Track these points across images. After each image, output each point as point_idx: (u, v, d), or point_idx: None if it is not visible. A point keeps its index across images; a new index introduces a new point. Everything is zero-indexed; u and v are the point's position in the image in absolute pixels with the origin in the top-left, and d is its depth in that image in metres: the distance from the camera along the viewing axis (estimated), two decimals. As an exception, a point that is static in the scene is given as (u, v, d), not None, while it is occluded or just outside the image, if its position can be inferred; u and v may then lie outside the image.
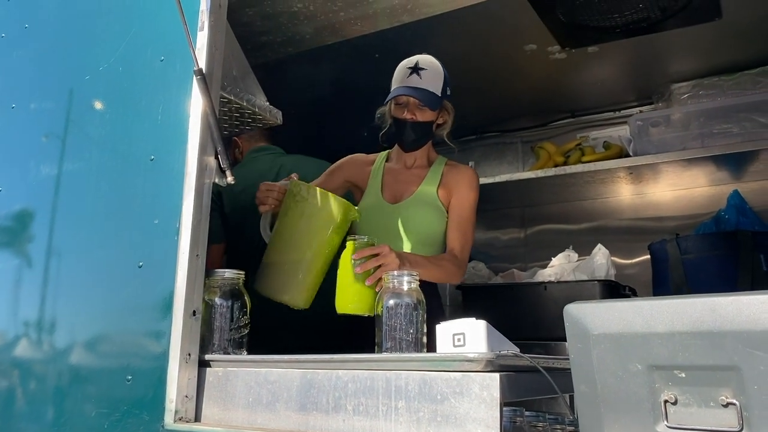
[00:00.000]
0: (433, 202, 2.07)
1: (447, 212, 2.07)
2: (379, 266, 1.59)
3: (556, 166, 2.99)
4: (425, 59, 2.04)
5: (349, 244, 1.62)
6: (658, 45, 2.60)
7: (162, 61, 1.61)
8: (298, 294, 1.71)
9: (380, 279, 1.54)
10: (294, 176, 1.79)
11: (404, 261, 1.67)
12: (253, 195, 2.54)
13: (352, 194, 2.22)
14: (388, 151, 2.24)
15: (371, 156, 2.25)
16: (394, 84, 2.06)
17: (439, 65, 2.05)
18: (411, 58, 2.06)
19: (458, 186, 2.09)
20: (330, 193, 1.72)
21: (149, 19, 1.69)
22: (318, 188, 1.74)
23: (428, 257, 1.91)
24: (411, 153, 2.13)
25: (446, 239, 2.05)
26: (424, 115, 2.02)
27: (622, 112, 3.19)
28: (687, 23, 2.40)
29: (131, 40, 1.70)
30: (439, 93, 2.01)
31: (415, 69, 2.00)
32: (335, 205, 1.70)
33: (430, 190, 2.09)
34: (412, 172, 2.15)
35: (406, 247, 2.01)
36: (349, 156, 2.26)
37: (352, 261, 1.59)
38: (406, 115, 2.02)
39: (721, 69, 2.76)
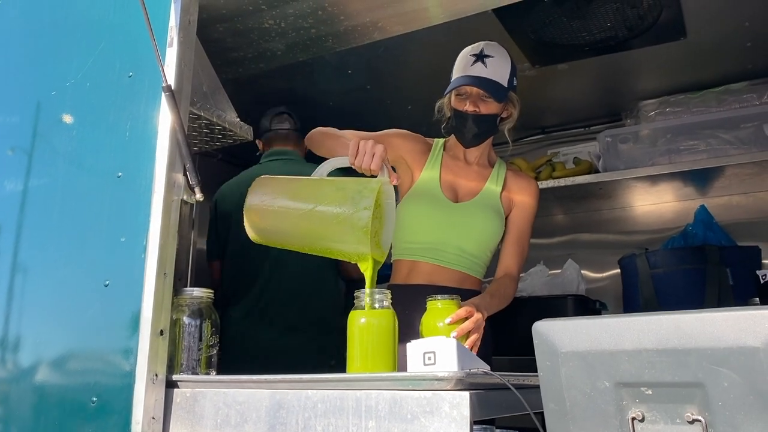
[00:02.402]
0: (496, 206, 1.95)
1: (505, 219, 1.96)
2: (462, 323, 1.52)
3: (527, 181, 3.02)
4: (492, 45, 1.90)
5: (432, 306, 1.54)
6: (626, 63, 2.65)
7: (130, 77, 1.60)
8: (262, 238, 1.48)
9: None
10: (394, 179, 1.47)
11: (483, 313, 1.60)
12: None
13: (396, 168, 2.01)
14: (444, 139, 2.06)
15: (428, 140, 2.06)
16: (456, 73, 1.90)
17: (507, 53, 1.91)
18: (476, 44, 1.91)
19: (522, 197, 1.98)
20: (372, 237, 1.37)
21: (118, 34, 1.67)
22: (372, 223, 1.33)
23: (495, 294, 1.78)
24: (472, 149, 1.98)
25: (502, 254, 1.94)
26: (488, 108, 1.87)
27: (591, 128, 3.24)
28: (653, 42, 2.45)
29: (99, 56, 1.68)
30: (505, 83, 1.86)
31: (480, 56, 1.85)
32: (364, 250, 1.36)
33: (494, 192, 1.97)
34: (473, 169, 2.00)
35: (464, 247, 1.90)
36: (408, 132, 2.03)
37: (442, 323, 1.50)
38: (468, 108, 1.86)
39: (686, 87, 2.82)
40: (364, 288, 1.41)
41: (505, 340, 2.08)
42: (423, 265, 1.92)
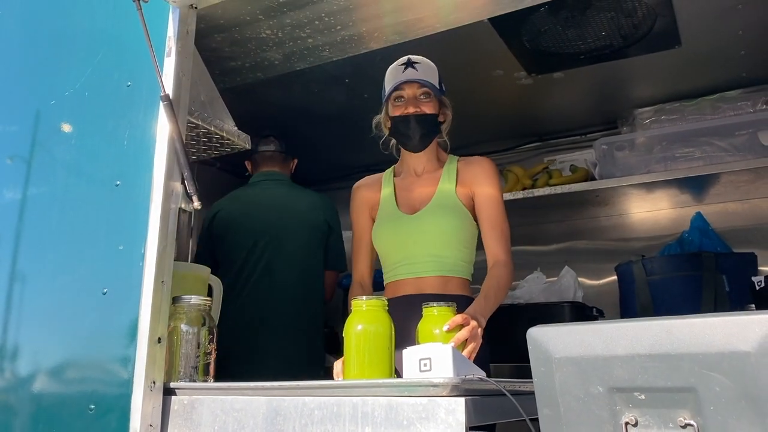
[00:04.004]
0: (453, 205, 1.94)
1: (470, 211, 1.95)
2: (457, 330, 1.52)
3: (524, 189, 3.03)
4: (416, 56, 1.96)
5: (428, 312, 1.54)
6: (621, 71, 2.66)
7: (129, 86, 1.61)
8: None
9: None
10: None
11: (481, 321, 1.61)
12: (245, 219, 2.63)
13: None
14: (393, 166, 2.12)
15: (376, 177, 2.12)
16: (389, 83, 1.94)
17: (431, 62, 1.96)
18: (400, 59, 1.96)
19: (477, 181, 1.96)
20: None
21: (116, 44, 1.69)
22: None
23: (489, 294, 1.77)
24: (419, 156, 2.00)
25: (485, 244, 1.93)
26: (429, 107, 1.92)
27: (587, 136, 3.25)
28: (648, 51, 2.47)
29: (98, 66, 1.69)
30: (437, 85, 1.92)
31: (409, 63, 1.91)
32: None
33: (448, 190, 1.97)
34: (424, 177, 2.03)
35: (434, 252, 1.91)
36: (355, 190, 2.12)
37: (439, 330, 1.50)
38: (410, 110, 1.91)
39: (681, 95, 2.83)
40: (360, 296, 1.43)
41: (504, 347, 2.08)
42: (405, 282, 1.94)
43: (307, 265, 2.60)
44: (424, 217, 1.94)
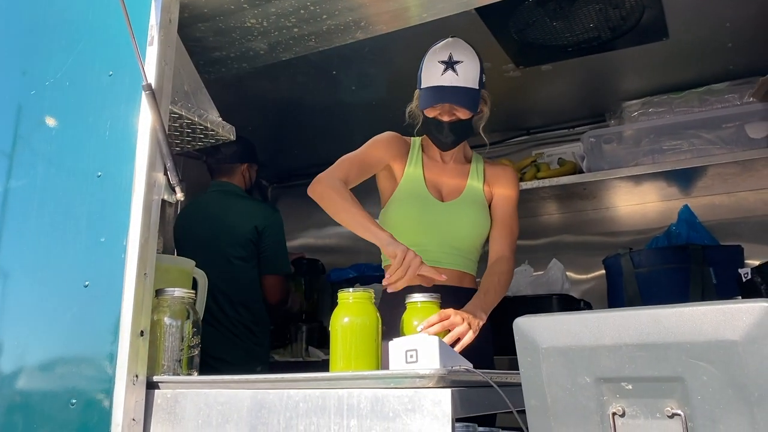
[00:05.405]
0: (481, 201, 1.98)
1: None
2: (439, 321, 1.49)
3: (512, 182, 3.02)
4: (459, 48, 1.84)
5: (411, 306, 1.51)
6: (609, 64, 2.66)
7: (110, 75, 1.58)
8: None
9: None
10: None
11: (477, 317, 1.58)
12: (188, 230, 2.72)
13: (377, 176, 2.02)
14: (420, 138, 2.05)
15: (406, 139, 2.04)
16: (426, 80, 1.84)
17: (473, 51, 1.86)
18: (442, 46, 1.85)
19: (501, 184, 2.01)
20: None
21: (98, 33, 1.66)
22: None
23: (489, 289, 1.75)
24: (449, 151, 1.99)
25: (492, 240, 1.94)
26: (464, 113, 1.85)
27: (575, 129, 3.24)
28: (636, 43, 2.46)
29: (79, 55, 1.66)
30: (477, 86, 1.82)
31: (450, 64, 1.80)
32: None
33: (477, 187, 1.99)
34: (452, 167, 2.02)
35: (456, 245, 1.91)
36: (388, 138, 1.99)
37: (421, 327, 1.46)
38: (444, 117, 1.85)
39: (669, 87, 2.83)
40: (347, 288, 1.41)
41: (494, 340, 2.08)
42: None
43: (237, 271, 2.67)
44: (459, 208, 1.94)
